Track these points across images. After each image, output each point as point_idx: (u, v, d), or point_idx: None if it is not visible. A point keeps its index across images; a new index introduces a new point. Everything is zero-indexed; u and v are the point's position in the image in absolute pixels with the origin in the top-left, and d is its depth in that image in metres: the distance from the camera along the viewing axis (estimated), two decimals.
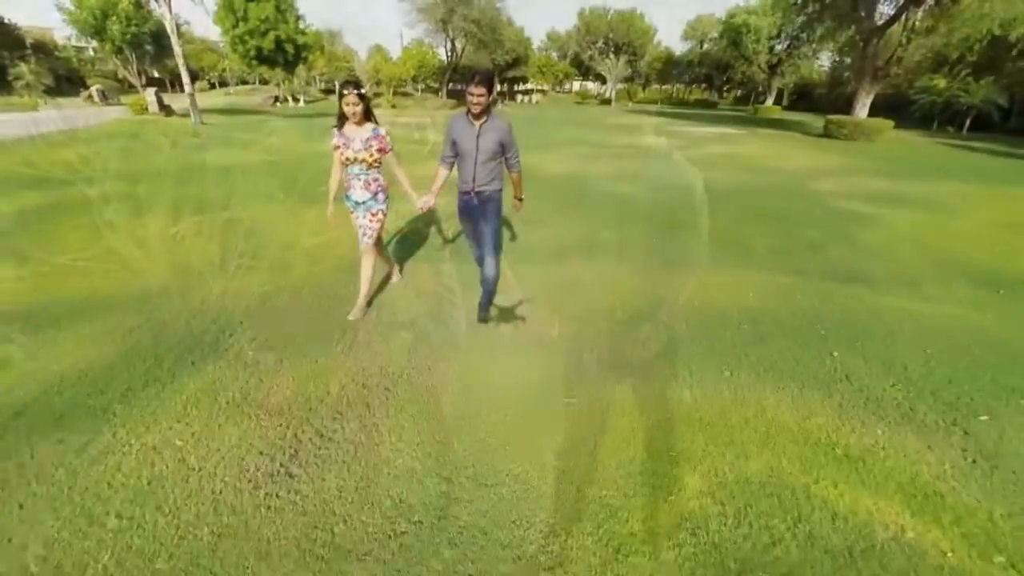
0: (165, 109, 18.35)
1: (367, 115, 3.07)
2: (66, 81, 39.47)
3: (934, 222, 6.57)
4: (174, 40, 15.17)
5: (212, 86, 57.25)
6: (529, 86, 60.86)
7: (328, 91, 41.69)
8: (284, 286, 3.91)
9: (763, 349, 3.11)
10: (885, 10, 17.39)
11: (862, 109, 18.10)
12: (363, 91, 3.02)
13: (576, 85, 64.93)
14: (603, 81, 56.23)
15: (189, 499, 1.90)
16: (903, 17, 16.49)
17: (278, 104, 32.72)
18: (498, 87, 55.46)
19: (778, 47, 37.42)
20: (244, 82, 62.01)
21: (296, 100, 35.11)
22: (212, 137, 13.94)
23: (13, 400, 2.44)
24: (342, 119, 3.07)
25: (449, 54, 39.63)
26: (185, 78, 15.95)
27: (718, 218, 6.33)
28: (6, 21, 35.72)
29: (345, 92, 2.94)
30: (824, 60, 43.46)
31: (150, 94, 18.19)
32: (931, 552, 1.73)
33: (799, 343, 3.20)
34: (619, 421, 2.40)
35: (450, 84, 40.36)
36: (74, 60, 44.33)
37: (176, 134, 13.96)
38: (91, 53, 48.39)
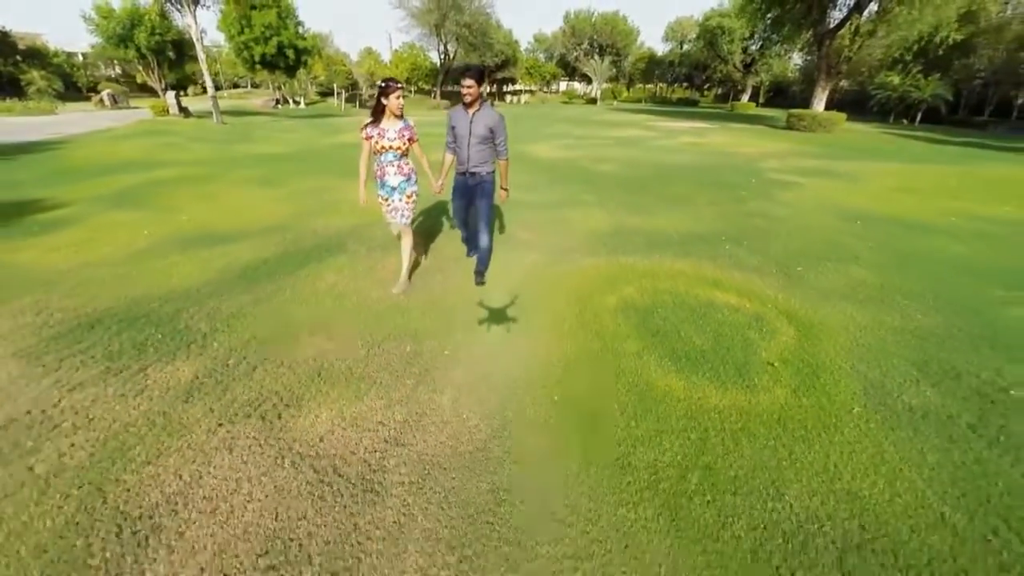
0: (184, 111, 19.84)
1: None
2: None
3: (841, 187, 8.47)
4: (199, 48, 16.74)
5: (205, 90, 58.28)
6: (518, 87, 62.72)
7: (324, 94, 43.10)
8: (364, 223, 5.62)
9: (683, 246, 4.94)
10: (836, 15, 19.53)
11: (819, 103, 20.21)
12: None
13: (563, 85, 66.92)
14: (589, 81, 58.28)
15: (360, 303, 3.62)
16: (850, 22, 18.62)
17: (279, 106, 34.15)
18: (489, 88, 57.19)
19: (752, 48, 39.73)
20: (236, 86, 63.05)
21: (296, 103, 36.59)
22: (238, 134, 15.52)
23: (227, 274, 4.12)
24: (377, 114, 3.32)
25: (442, 57, 41.28)
26: (208, 81, 17.54)
27: (674, 186, 8.17)
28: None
29: (398, 88, 3.24)
30: (797, 59, 46.01)
31: (170, 97, 19.68)
32: (740, 308, 3.54)
33: (707, 243, 5.03)
34: (592, 272, 4.19)
35: (443, 86, 42.01)
36: (66, 66, 45.38)
37: (207, 131, 15.52)
38: (80, 59, 49.38)
